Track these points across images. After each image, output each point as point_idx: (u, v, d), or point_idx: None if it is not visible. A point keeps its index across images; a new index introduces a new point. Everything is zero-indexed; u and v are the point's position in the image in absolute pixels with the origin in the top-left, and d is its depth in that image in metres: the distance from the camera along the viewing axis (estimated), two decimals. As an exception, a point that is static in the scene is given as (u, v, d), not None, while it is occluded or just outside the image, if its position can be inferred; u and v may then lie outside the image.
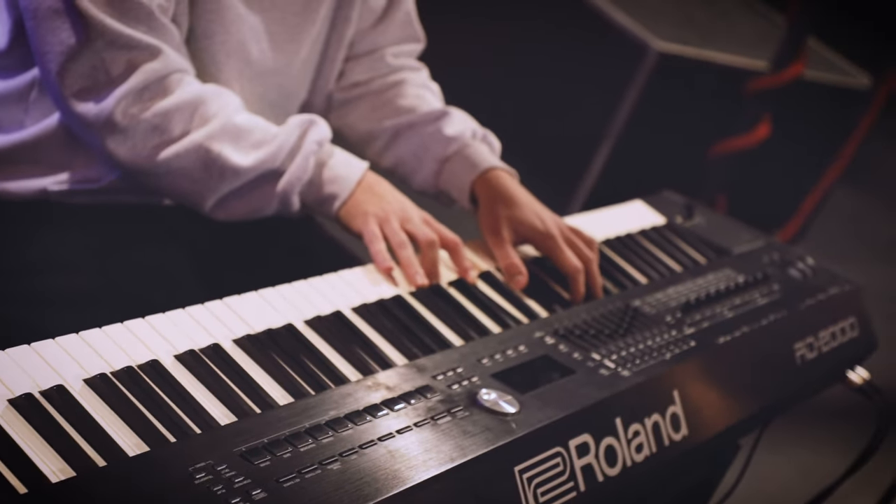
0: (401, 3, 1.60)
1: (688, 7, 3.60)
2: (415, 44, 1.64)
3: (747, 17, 3.79)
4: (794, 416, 1.65)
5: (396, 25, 1.60)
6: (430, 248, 1.36)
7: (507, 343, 1.26)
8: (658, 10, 3.43)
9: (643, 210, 1.73)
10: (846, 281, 1.64)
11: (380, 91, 1.61)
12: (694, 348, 1.35)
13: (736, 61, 3.27)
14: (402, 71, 1.62)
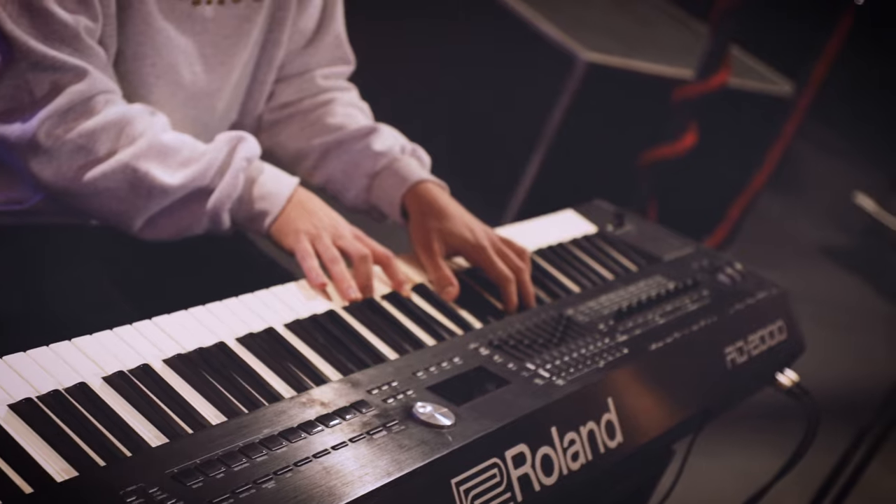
0: (330, 26, 1.60)
1: (612, 17, 3.65)
2: (344, 66, 1.65)
3: (671, 26, 3.85)
4: (726, 419, 1.66)
5: (326, 48, 1.61)
6: (363, 262, 1.36)
7: (441, 355, 1.25)
8: (583, 20, 3.47)
9: (574, 219, 1.74)
10: (773, 285, 1.66)
11: (309, 110, 1.61)
12: (627, 355, 1.36)
13: (661, 70, 3.32)
14: (331, 91, 1.63)
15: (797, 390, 1.55)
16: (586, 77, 3.13)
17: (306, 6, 1.55)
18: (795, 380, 1.57)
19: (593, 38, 3.31)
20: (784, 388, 1.56)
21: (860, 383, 3.41)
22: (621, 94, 3.27)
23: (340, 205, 1.58)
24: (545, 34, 3.24)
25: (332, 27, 1.60)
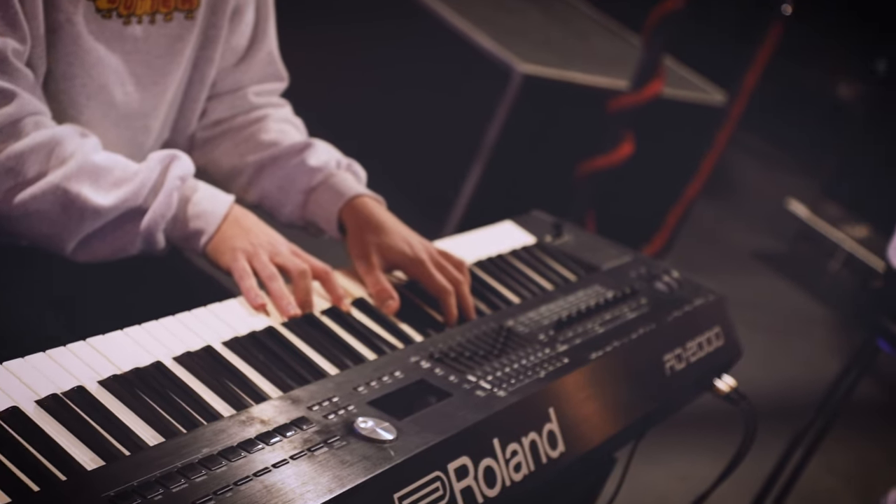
0: (263, 43, 1.60)
1: (548, 30, 3.68)
2: (278, 82, 1.65)
3: (606, 38, 3.89)
4: (667, 425, 1.68)
5: (259, 64, 1.61)
6: (302, 278, 1.35)
7: (382, 369, 1.25)
8: (519, 32, 3.49)
9: (513, 230, 1.74)
10: (710, 292, 1.68)
11: (242, 127, 1.60)
12: (567, 365, 1.36)
13: (597, 81, 3.35)
14: (264, 108, 1.62)
15: (735, 395, 1.57)
16: (523, 89, 3.15)
17: (238, 23, 1.54)
18: (733, 385, 1.58)
19: (529, 51, 3.33)
20: (722, 394, 1.57)
21: (796, 386, 3.46)
22: (558, 106, 3.29)
23: (276, 221, 1.57)
24: (481, 47, 3.26)
25: (265, 44, 1.60)
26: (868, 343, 2.41)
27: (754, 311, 3.85)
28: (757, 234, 4.56)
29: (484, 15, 3.52)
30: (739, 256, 4.32)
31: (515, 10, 3.76)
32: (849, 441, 3.21)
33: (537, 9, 3.89)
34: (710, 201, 4.48)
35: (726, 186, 4.88)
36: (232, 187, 1.59)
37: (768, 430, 2.90)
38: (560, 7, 4.05)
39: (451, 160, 3.31)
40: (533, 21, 3.72)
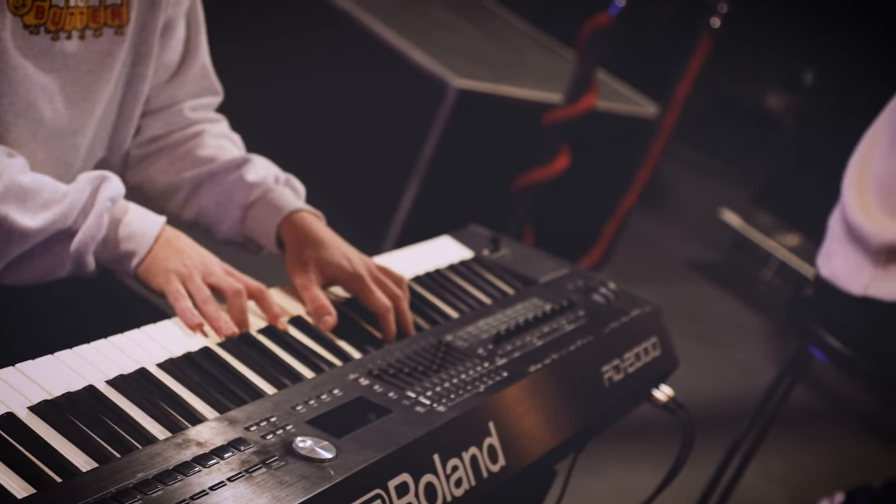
0: (196, 58, 1.58)
1: (482, 45, 3.69)
2: (213, 97, 1.63)
3: (539, 52, 3.92)
4: (607, 436, 1.69)
5: (193, 79, 1.59)
6: (237, 297, 1.34)
7: (320, 387, 1.24)
8: (453, 48, 3.51)
9: (451, 245, 1.75)
10: (646, 302, 1.70)
11: (178, 144, 1.58)
12: (506, 378, 1.36)
13: (531, 95, 3.37)
14: (200, 123, 1.61)
15: (672, 405, 1.58)
16: (458, 104, 3.16)
17: (170, 38, 1.53)
18: (670, 394, 1.60)
19: (464, 66, 3.34)
20: (660, 403, 1.59)
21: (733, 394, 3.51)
22: (494, 120, 3.31)
23: (213, 238, 1.56)
24: (416, 62, 3.26)
25: (197, 58, 1.58)
26: (801, 350, 2.45)
27: (690, 321, 3.90)
28: (692, 244, 4.62)
29: (419, 31, 3.53)
30: (675, 266, 4.37)
31: (450, 25, 3.78)
32: (784, 448, 3.26)
33: (471, 24, 3.91)
34: (646, 212, 4.53)
35: (661, 197, 4.94)
36: (168, 204, 1.57)
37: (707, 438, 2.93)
38: (494, 23, 4.08)
39: (389, 175, 3.30)
40: (467, 36, 3.73)
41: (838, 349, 2.29)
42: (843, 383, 2.39)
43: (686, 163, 5.55)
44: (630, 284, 1.75)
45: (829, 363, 2.32)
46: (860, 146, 2.35)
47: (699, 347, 3.70)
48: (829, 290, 2.33)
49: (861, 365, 2.28)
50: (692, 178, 5.44)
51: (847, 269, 2.28)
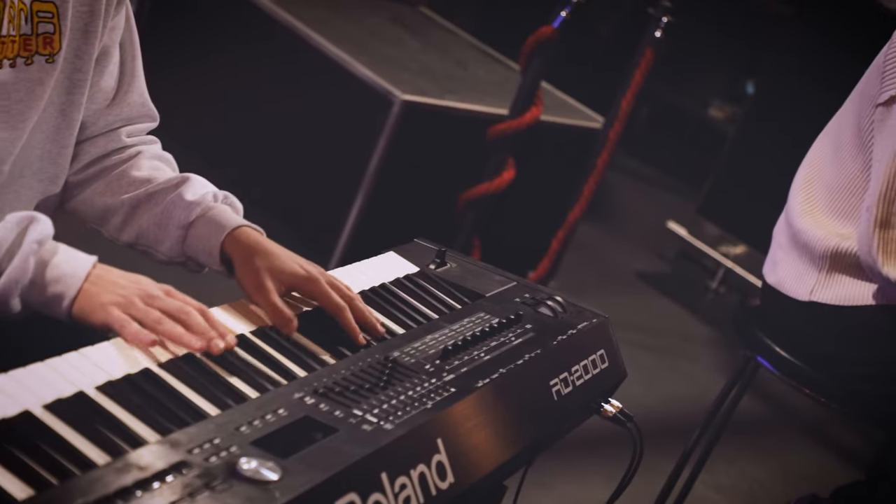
0: (132, 84, 1.58)
1: (426, 58, 3.69)
2: (149, 122, 1.63)
3: (484, 65, 3.93)
4: (557, 450, 1.68)
5: (130, 105, 1.59)
6: (188, 316, 1.32)
7: (265, 407, 1.22)
8: (398, 61, 3.50)
9: (396, 260, 1.73)
10: (594, 315, 1.69)
11: (114, 166, 1.58)
12: (454, 394, 1.35)
13: (477, 109, 3.37)
14: (135, 146, 1.60)
15: (621, 417, 1.58)
16: (404, 117, 3.15)
17: (105, 65, 1.52)
18: (619, 407, 1.59)
19: (410, 79, 3.34)
20: (609, 416, 1.58)
21: (683, 405, 3.52)
22: (439, 134, 3.30)
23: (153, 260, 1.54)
24: (362, 76, 3.25)
25: (134, 84, 1.58)
26: (748, 360, 2.47)
27: (639, 332, 3.91)
28: (639, 256, 4.64)
29: (363, 44, 3.52)
30: (623, 278, 4.39)
31: (394, 39, 3.77)
32: (733, 458, 3.28)
33: (416, 37, 3.91)
34: (593, 224, 4.55)
35: (608, 209, 4.97)
36: (106, 227, 1.55)
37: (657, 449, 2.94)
38: (437, 35, 4.08)
39: (334, 191, 3.28)
40: (412, 49, 3.73)
41: (785, 358, 2.31)
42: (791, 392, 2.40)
43: (633, 174, 5.59)
44: (578, 296, 1.75)
45: (776, 372, 2.33)
46: (808, 154, 2.37)
47: (648, 358, 3.71)
48: (776, 298, 2.35)
49: (807, 373, 2.29)
50: (639, 189, 5.49)
51: (792, 276, 2.30)
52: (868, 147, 2.20)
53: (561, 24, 2.98)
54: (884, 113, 2.16)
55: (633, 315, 4.04)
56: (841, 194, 2.24)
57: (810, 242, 2.26)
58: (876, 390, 2.19)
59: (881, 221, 2.09)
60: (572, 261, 3.87)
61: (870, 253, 2.11)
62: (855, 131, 2.24)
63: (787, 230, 2.34)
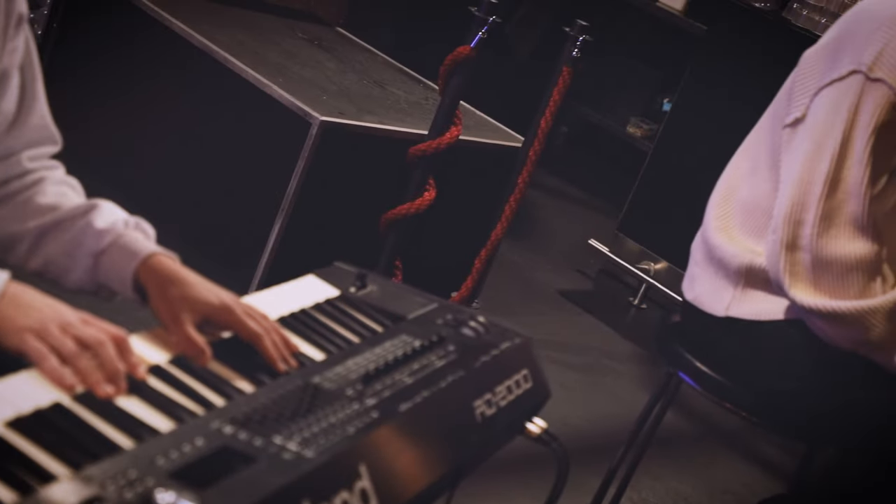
0: (33, 107, 1.54)
1: (343, 78, 3.67)
2: (51, 146, 1.59)
3: (403, 85, 3.92)
4: (482, 472, 1.67)
5: (31, 129, 1.54)
6: (103, 348, 1.28)
7: (182, 438, 1.18)
8: (315, 82, 3.48)
9: (316, 284, 1.71)
10: (516, 334, 1.69)
11: (17, 192, 1.53)
12: (377, 419, 1.33)
13: (397, 129, 3.36)
14: (38, 171, 1.56)
15: (546, 437, 1.57)
16: (322, 139, 3.13)
17: (5, 88, 1.48)
18: (544, 426, 1.59)
19: (328, 101, 3.32)
20: (534, 436, 1.58)
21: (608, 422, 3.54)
22: (359, 155, 3.28)
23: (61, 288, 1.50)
24: (279, 98, 3.22)
25: (35, 107, 1.54)
26: (670, 376, 2.49)
27: (563, 350, 3.93)
28: (562, 274, 4.67)
29: (280, 66, 3.49)
30: (546, 296, 4.40)
31: (311, 60, 3.75)
32: (658, 474, 3.30)
33: (333, 59, 3.89)
34: (515, 243, 4.56)
35: (530, 228, 4.99)
36: (10, 256, 1.51)
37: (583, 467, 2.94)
38: (356, 56, 4.07)
39: (253, 214, 3.24)
40: (329, 71, 3.71)
41: (705, 373, 2.33)
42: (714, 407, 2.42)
43: (554, 193, 5.63)
44: (502, 316, 1.74)
45: (697, 388, 2.35)
46: (725, 171, 2.41)
47: (572, 376, 3.73)
48: (694, 314, 2.37)
49: (727, 387, 2.32)
50: (560, 207, 5.52)
51: (709, 292, 2.32)
52: (779, 167, 2.24)
53: (478, 43, 2.99)
54: (790, 134, 2.20)
55: (557, 333, 4.06)
56: (755, 212, 2.28)
57: (725, 258, 2.29)
58: (795, 403, 2.22)
59: (787, 243, 2.12)
60: (495, 280, 3.88)
61: (778, 273, 2.14)
62: (769, 151, 2.28)
63: (703, 247, 2.37)
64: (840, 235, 2.07)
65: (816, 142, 2.10)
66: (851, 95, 2.07)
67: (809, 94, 2.17)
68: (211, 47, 3.39)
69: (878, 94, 2.05)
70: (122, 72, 3.62)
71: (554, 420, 1.63)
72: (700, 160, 3.87)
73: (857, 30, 2.12)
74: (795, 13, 4.14)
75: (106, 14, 3.67)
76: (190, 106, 3.47)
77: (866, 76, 2.06)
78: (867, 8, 2.15)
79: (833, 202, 2.07)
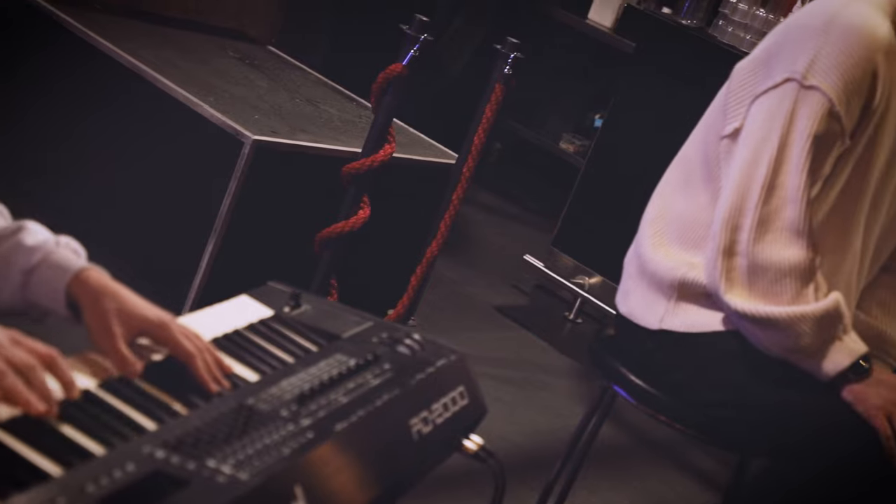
0: None
1: (275, 97, 3.65)
2: None
3: (335, 103, 3.91)
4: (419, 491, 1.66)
5: None
6: (32, 371, 1.25)
7: (113, 464, 1.16)
8: (247, 101, 3.45)
9: (250, 304, 1.69)
10: (452, 351, 1.68)
11: None
12: (313, 439, 1.32)
13: (330, 147, 3.35)
14: None
15: (483, 454, 1.57)
16: (255, 158, 3.11)
17: None
18: (480, 443, 1.58)
19: (260, 120, 3.30)
20: (470, 453, 1.57)
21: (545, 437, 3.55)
22: (292, 174, 3.27)
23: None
24: (210, 117, 3.19)
25: None
26: (605, 389, 2.50)
27: (500, 366, 3.94)
28: (498, 289, 4.68)
29: (210, 85, 3.46)
30: (482, 312, 4.41)
31: (242, 79, 3.72)
32: (595, 487, 3.31)
33: (264, 77, 3.87)
34: (451, 260, 4.57)
35: (465, 244, 5.00)
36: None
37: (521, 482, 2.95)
38: (288, 74, 4.05)
39: (186, 235, 3.21)
40: (261, 89, 3.69)
41: (639, 386, 2.35)
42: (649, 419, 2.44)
43: (489, 209, 5.65)
44: (439, 333, 1.74)
45: (631, 401, 2.37)
46: (658, 186, 2.43)
47: (509, 392, 3.73)
48: (628, 327, 2.39)
49: (661, 400, 2.34)
50: (495, 223, 5.54)
51: (643, 305, 2.34)
52: (717, 178, 2.27)
53: (410, 61, 2.99)
54: (729, 145, 2.24)
55: (494, 349, 4.07)
56: (691, 225, 2.31)
57: (659, 272, 2.31)
58: (727, 414, 2.25)
59: (724, 249, 2.15)
60: (431, 297, 3.87)
61: (714, 279, 2.17)
62: (703, 164, 2.31)
63: (637, 261, 2.39)
64: (776, 241, 2.10)
65: (754, 149, 2.14)
66: (787, 102, 2.11)
67: (745, 104, 2.20)
68: (140, 67, 3.35)
69: (813, 101, 2.09)
70: (49, 93, 3.56)
71: (491, 436, 1.63)
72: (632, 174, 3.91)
73: (788, 40, 2.17)
74: (721, 30, 4.21)
75: (31, 34, 3.61)
76: (120, 126, 3.43)
77: (800, 84, 2.10)
78: (797, 19, 2.20)
79: (770, 208, 2.10)
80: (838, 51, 2.08)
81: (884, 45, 2.11)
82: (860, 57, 2.08)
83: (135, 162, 3.38)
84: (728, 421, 2.25)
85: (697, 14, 4.37)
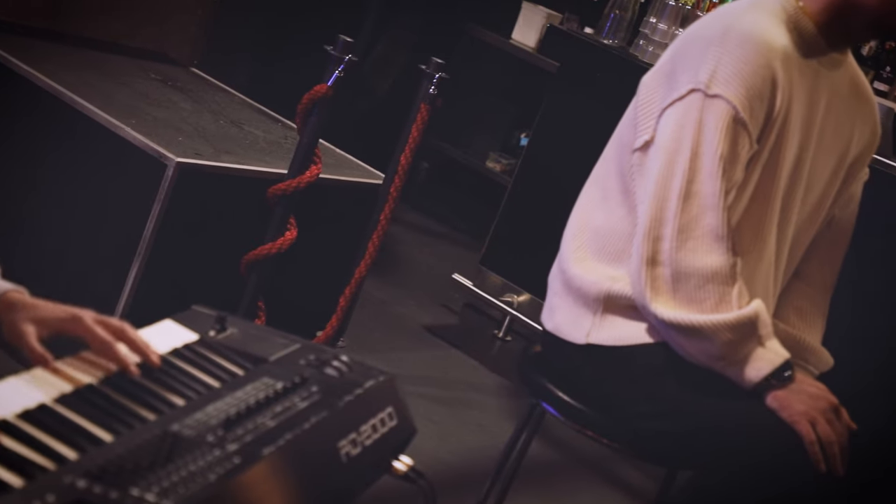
0: None
1: (198, 119, 3.62)
2: None
3: (260, 124, 3.89)
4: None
5: None
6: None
7: (32, 495, 1.14)
8: (169, 123, 3.42)
9: (174, 328, 1.67)
10: (380, 372, 1.68)
11: None
12: (239, 464, 1.30)
13: (255, 168, 3.33)
14: None
15: (413, 474, 1.57)
16: (179, 180, 3.07)
17: None
18: (410, 464, 1.58)
19: (184, 142, 3.26)
20: (400, 474, 1.57)
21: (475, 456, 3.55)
22: (217, 196, 3.24)
23: None
24: (132, 139, 3.15)
25: None
26: (533, 406, 2.51)
27: (430, 385, 3.93)
28: (427, 309, 4.68)
29: (132, 107, 3.42)
30: (412, 332, 4.41)
31: (165, 101, 3.68)
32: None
33: (187, 99, 3.83)
34: (379, 280, 4.56)
35: (394, 264, 4.99)
36: None
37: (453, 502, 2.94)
38: (212, 96, 4.02)
39: (108, 259, 3.16)
40: (184, 111, 3.65)
41: (567, 402, 2.37)
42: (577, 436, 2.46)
43: (417, 228, 5.65)
44: (369, 353, 1.73)
45: (559, 417, 2.38)
46: (577, 202, 2.46)
47: (439, 411, 3.73)
48: (555, 344, 2.40)
49: (588, 415, 2.35)
50: (424, 243, 5.55)
51: (568, 321, 2.36)
52: (632, 191, 2.30)
53: (335, 81, 2.99)
54: (641, 157, 2.28)
55: (424, 368, 4.06)
56: (610, 238, 2.33)
57: (584, 287, 2.33)
58: (652, 427, 2.27)
59: (648, 259, 2.18)
60: (360, 318, 3.86)
61: (640, 290, 2.19)
62: (618, 177, 2.34)
63: (561, 276, 2.41)
64: (697, 248, 2.14)
65: (667, 160, 2.17)
66: (694, 112, 2.16)
67: (654, 117, 2.24)
68: (59, 89, 3.30)
69: (718, 109, 2.14)
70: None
71: (423, 455, 1.63)
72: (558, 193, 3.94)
73: (688, 51, 2.22)
74: (642, 49, 4.28)
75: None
76: (39, 150, 3.37)
77: (705, 93, 2.15)
78: (695, 31, 2.26)
79: (689, 216, 2.14)
80: (736, 59, 2.14)
81: (780, 53, 2.17)
82: (758, 65, 2.15)
83: (56, 185, 3.32)
84: (655, 434, 2.27)
85: (619, 34, 4.44)
